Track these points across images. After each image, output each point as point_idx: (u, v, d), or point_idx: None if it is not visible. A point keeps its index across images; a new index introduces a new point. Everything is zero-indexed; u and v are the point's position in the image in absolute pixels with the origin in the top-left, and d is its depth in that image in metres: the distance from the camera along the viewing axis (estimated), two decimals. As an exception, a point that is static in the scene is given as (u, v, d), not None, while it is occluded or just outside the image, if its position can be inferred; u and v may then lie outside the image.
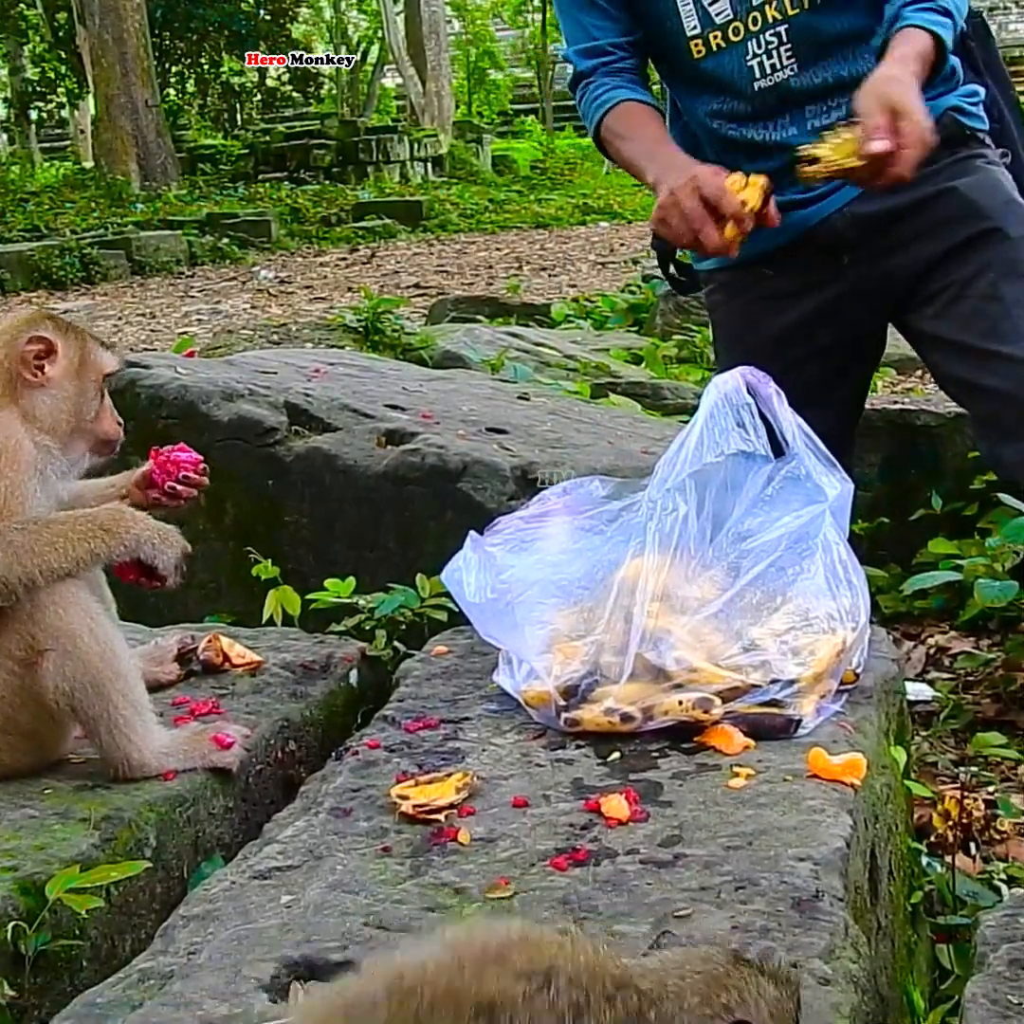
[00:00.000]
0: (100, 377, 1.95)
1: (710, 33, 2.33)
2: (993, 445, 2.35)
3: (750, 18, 2.30)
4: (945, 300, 2.31)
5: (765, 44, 2.31)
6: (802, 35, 2.29)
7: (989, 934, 1.40)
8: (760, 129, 2.36)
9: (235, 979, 1.33)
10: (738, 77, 2.34)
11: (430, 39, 24.48)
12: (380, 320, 6.06)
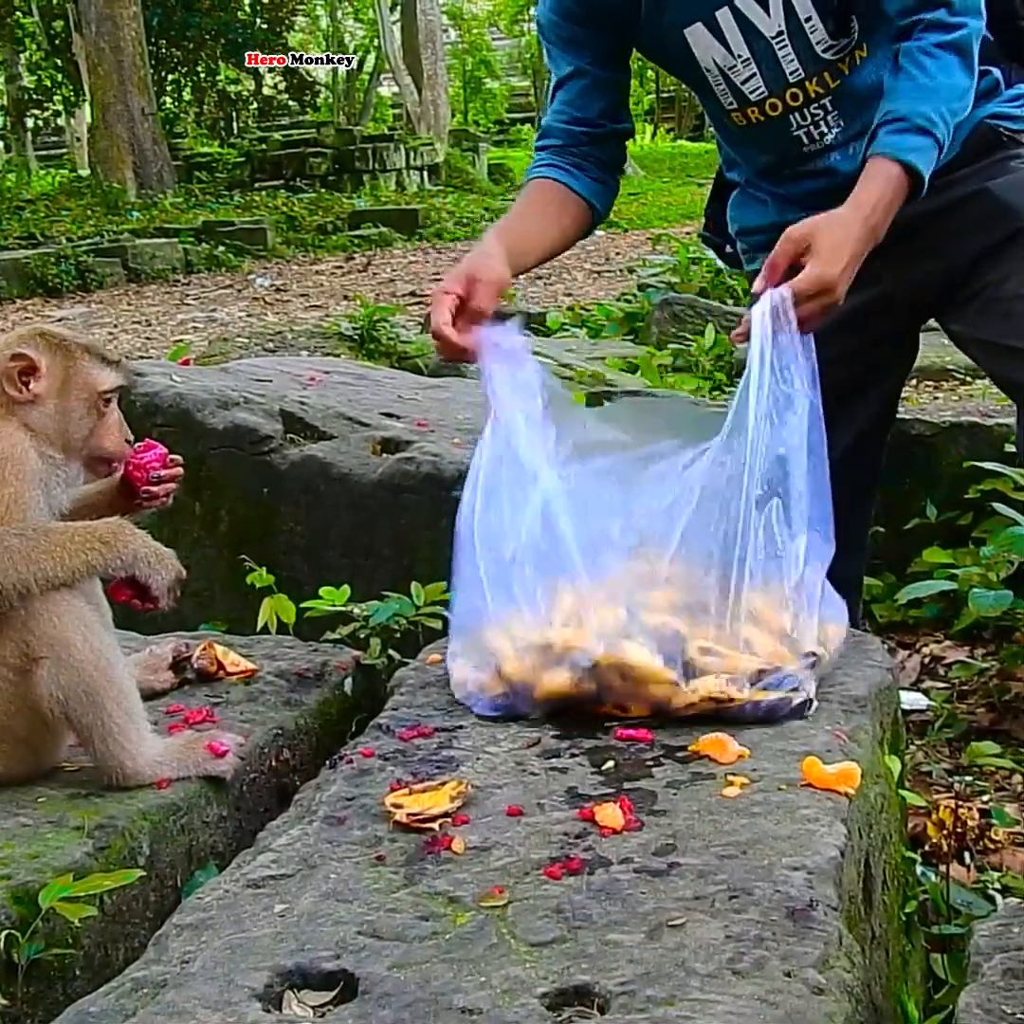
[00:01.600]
0: (92, 395, 1.92)
1: (747, 108, 2.34)
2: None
3: (787, 94, 2.30)
4: (981, 301, 2.32)
5: (811, 116, 2.32)
6: (846, 99, 2.29)
7: (983, 943, 1.40)
8: (806, 166, 2.38)
9: (228, 988, 1.32)
10: (784, 145, 2.36)
11: (426, 48, 24.52)
12: (376, 328, 6.07)
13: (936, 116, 2.09)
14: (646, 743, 1.79)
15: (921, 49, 2.12)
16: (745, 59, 2.28)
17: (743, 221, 2.57)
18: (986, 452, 3.45)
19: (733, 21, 2.25)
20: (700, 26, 2.27)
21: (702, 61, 2.31)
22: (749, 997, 1.24)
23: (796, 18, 2.23)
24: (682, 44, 2.30)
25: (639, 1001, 1.25)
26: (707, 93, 2.38)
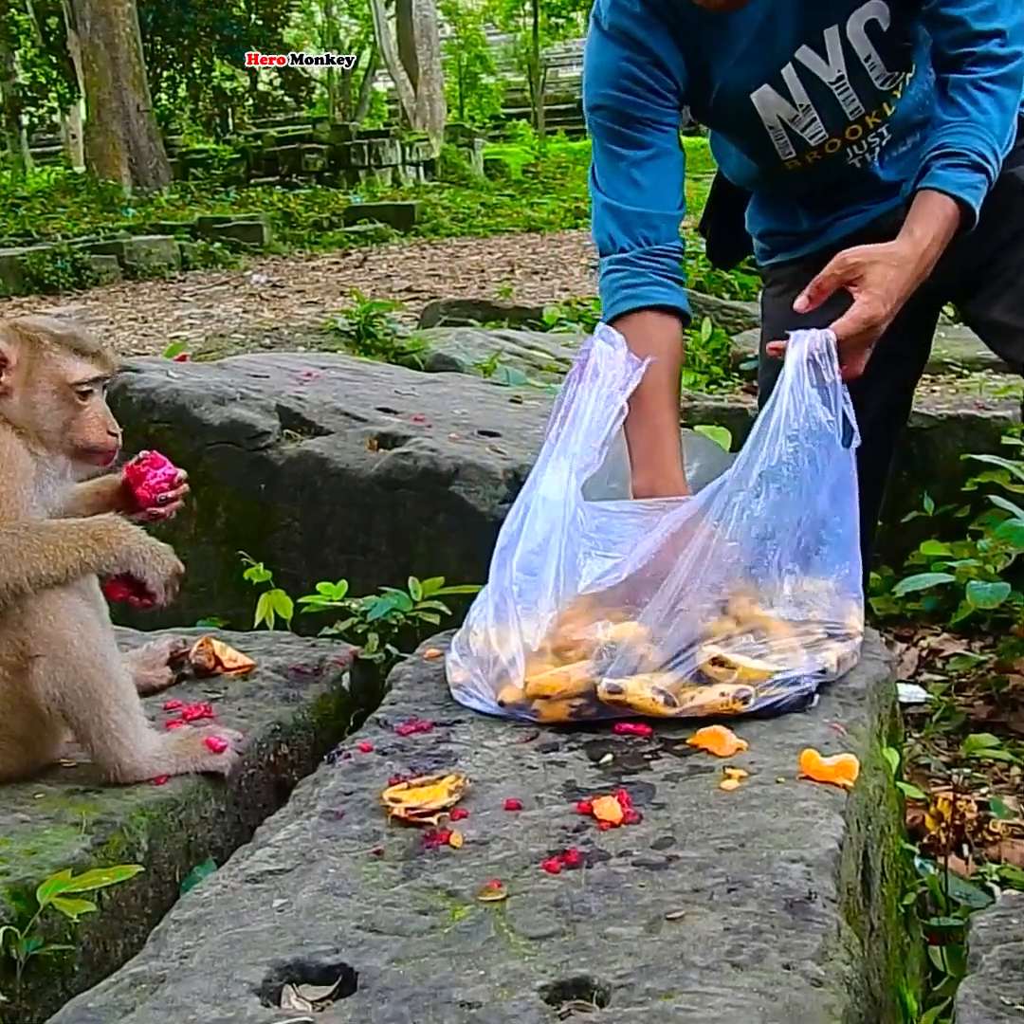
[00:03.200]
0: (62, 386, 1.88)
1: (806, 154, 2.33)
2: None
3: (847, 131, 2.30)
4: (1001, 285, 2.33)
5: (867, 145, 2.33)
6: (899, 123, 2.31)
7: (982, 935, 1.41)
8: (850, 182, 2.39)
9: (227, 983, 1.32)
10: (836, 175, 2.36)
11: (422, 43, 24.50)
12: (372, 324, 6.06)
13: (989, 152, 2.10)
14: (644, 736, 1.80)
15: (974, 84, 2.12)
16: (806, 107, 2.27)
17: (768, 224, 2.56)
18: (983, 445, 3.45)
19: (796, 75, 2.24)
20: (767, 87, 2.25)
21: (767, 121, 2.29)
22: (748, 989, 1.24)
23: (856, 59, 2.22)
24: (748, 108, 2.27)
25: (638, 994, 1.25)
26: (763, 147, 2.35)
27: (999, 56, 2.12)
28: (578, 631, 1.88)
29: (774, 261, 2.57)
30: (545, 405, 3.69)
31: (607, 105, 2.25)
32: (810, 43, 2.21)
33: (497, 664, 1.90)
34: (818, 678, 1.86)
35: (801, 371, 1.96)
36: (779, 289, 2.55)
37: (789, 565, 1.94)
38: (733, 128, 2.41)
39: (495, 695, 1.89)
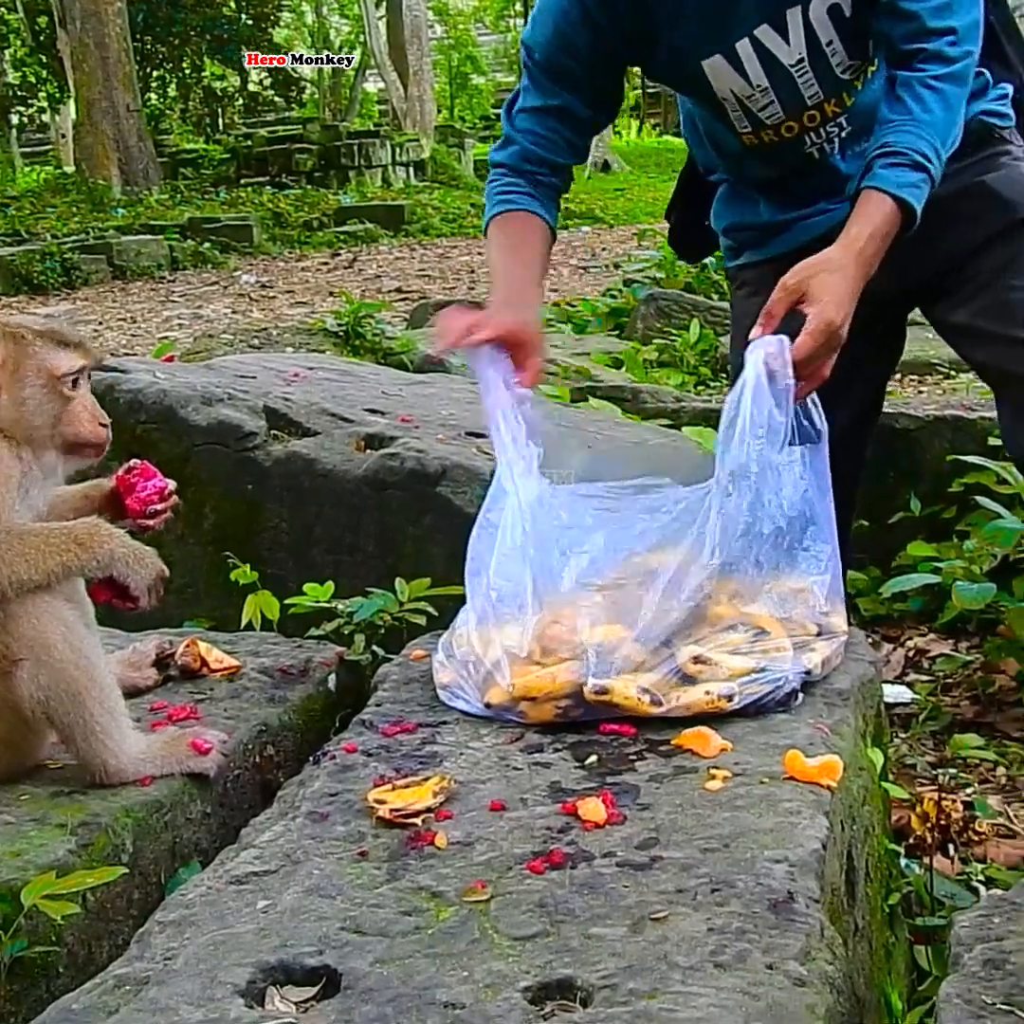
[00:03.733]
0: (49, 379, 1.86)
1: (762, 132, 2.33)
2: (1011, 427, 2.39)
3: (805, 116, 2.30)
4: (971, 290, 2.34)
5: (826, 134, 2.33)
6: (859, 114, 2.31)
7: (964, 934, 1.41)
8: (809, 173, 2.41)
9: (211, 985, 1.32)
10: (794, 161, 2.36)
11: (412, 44, 24.47)
12: (361, 324, 6.06)
13: (931, 152, 2.10)
14: (629, 737, 1.80)
15: (921, 82, 2.12)
16: (763, 88, 2.26)
17: (732, 218, 2.57)
18: (970, 446, 3.46)
19: (753, 53, 2.23)
20: (719, 58, 2.24)
21: (719, 92, 2.29)
22: (731, 989, 1.24)
23: (818, 43, 2.21)
24: (699, 75, 2.27)
25: (621, 994, 1.25)
26: (718, 117, 2.36)
27: (949, 56, 2.12)
28: (563, 633, 1.89)
29: (740, 262, 2.57)
30: (533, 406, 3.70)
31: (539, 44, 2.30)
32: (772, 22, 2.20)
33: (482, 666, 1.91)
34: (802, 677, 1.87)
35: (761, 375, 1.99)
36: (747, 291, 2.56)
37: (768, 562, 1.95)
38: (685, 90, 2.40)
39: (481, 697, 1.90)
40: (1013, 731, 2.84)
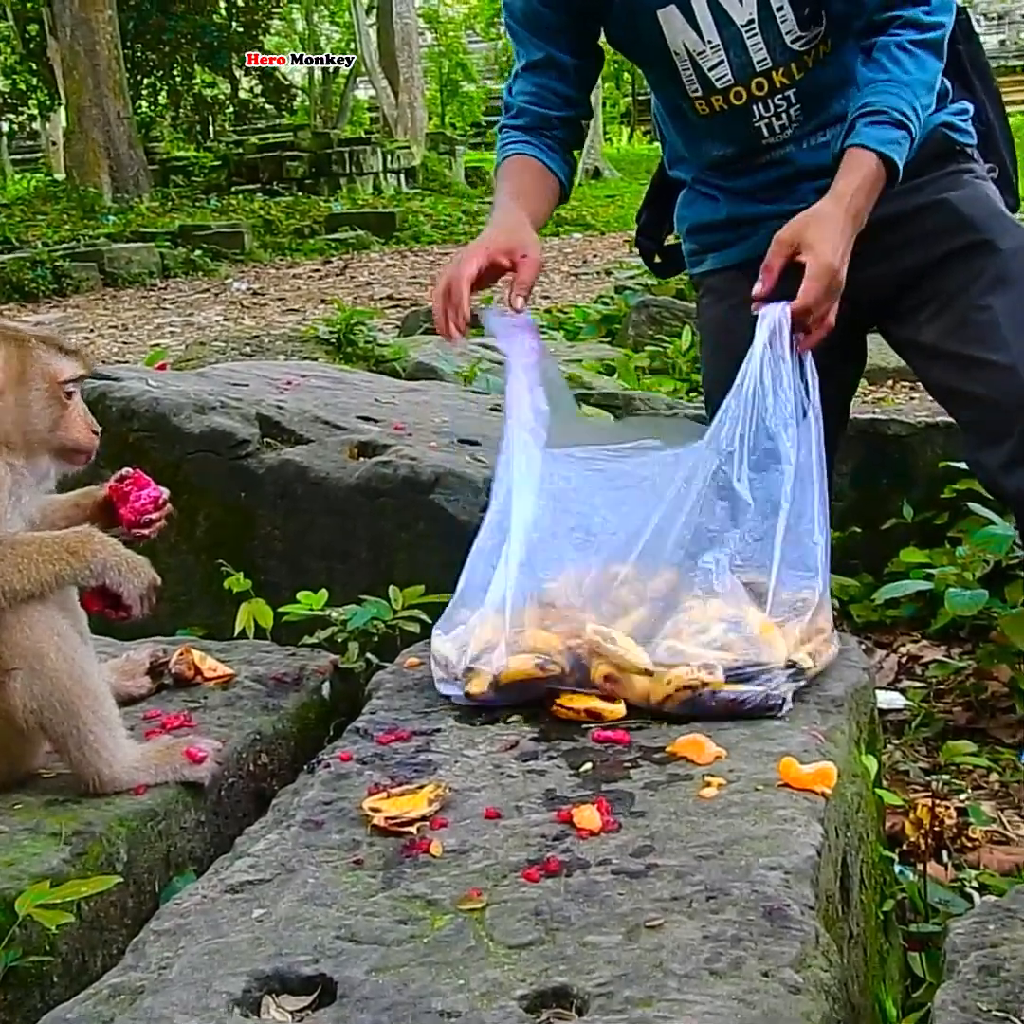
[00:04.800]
0: (52, 384, 1.87)
1: (712, 96, 2.36)
2: (976, 451, 2.39)
3: (753, 83, 2.33)
4: (934, 309, 2.35)
5: (774, 108, 2.35)
6: (809, 93, 2.33)
7: (959, 941, 1.41)
8: (762, 157, 2.42)
9: (206, 994, 1.32)
10: (744, 136, 2.39)
11: (403, 51, 24.50)
12: (353, 332, 6.06)
13: (910, 111, 2.16)
14: (623, 745, 1.80)
15: (898, 45, 2.19)
16: (715, 45, 2.30)
17: (693, 219, 2.58)
18: (961, 452, 3.46)
19: (706, 6, 2.28)
20: (674, 8, 2.29)
21: (672, 44, 2.33)
22: (726, 997, 1.25)
23: (768, 6, 2.26)
24: (654, 26, 2.32)
25: (617, 1002, 1.25)
26: (672, 79, 2.39)
27: (923, 23, 2.20)
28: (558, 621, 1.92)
29: (705, 268, 2.58)
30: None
31: (513, 5, 2.43)
32: None
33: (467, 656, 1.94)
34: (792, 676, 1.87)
35: (768, 346, 2.06)
36: (713, 299, 2.58)
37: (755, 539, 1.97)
38: (640, 49, 2.42)
39: (464, 682, 1.93)
40: (1006, 737, 2.84)
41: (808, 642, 1.94)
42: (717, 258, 2.55)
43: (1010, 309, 2.29)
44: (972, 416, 2.37)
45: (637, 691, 1.87)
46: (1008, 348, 2.27)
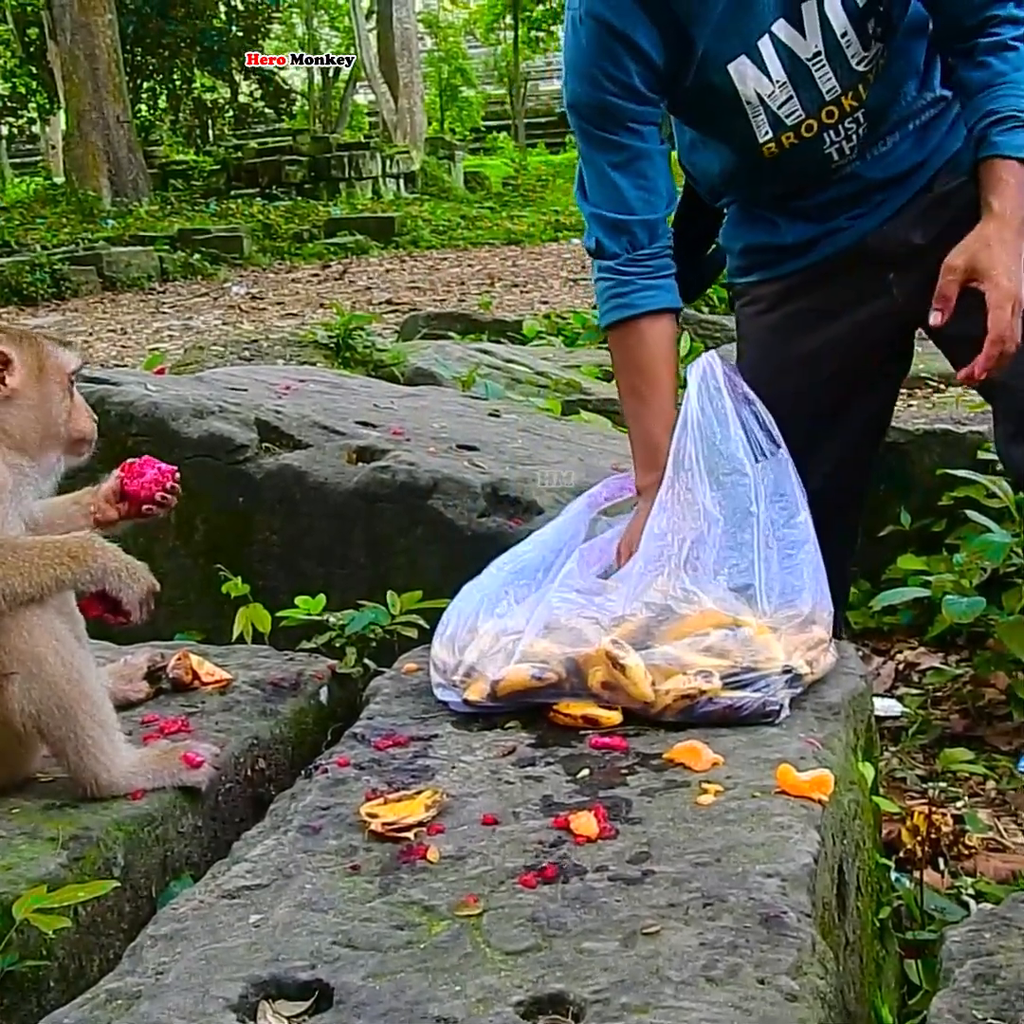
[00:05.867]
0: (64, 377, 1.93)
1: (782, 135, 2.29)
2: (1006, 441, 2.37)
3: (823, 113, 2.27)
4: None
5: (844, 131, 2.30)
6: (873, 108, 2.29)
7: (955, 949, 1.41)
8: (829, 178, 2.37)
9: (203, 999, 1.32)
10: (813, 166, 2.33)
11: (402, 56, 24.51)
12: (352, 336, 6.06)
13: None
14: (621, 751, 1.80)
15: (1001, 45, 2.15)
16: (782, 83, 2.24)
17: (749, 240, 2.52)
18: (959, 459, 3.46)
19: (772, 48, 2.22)
20: (744, 58, 2.23)
21: (744, 94, 2.26)
22: (723, 1004, 1.25)
23: (833, 35, 2.21)
24: (726, 81, 2.25)
25: (613, 1009, 1.26)
26: (741, 130, 2.30)
27: (1019, 17, 2.16)
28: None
29: (751, 280, 2.54)
30: (524, 419, 3.71)
31: (582, 103, 2.25)
32: (787, 16, 2.19)
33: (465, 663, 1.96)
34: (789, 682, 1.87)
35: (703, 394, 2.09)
36: (759, 308, 2.53)
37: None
38: (712, 107, 2.33)
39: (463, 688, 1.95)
40: (1002, 745, 2.85)
41: (805, 650, 1.94)
42: (766, 272, 2.51)
43: None
44: (1007, 407, 2.34)
45: (632, 699, 1.87)
46: None
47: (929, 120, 2.33)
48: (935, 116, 2.33)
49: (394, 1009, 1.28)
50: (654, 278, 2.29)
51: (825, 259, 2.38)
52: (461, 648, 1.99)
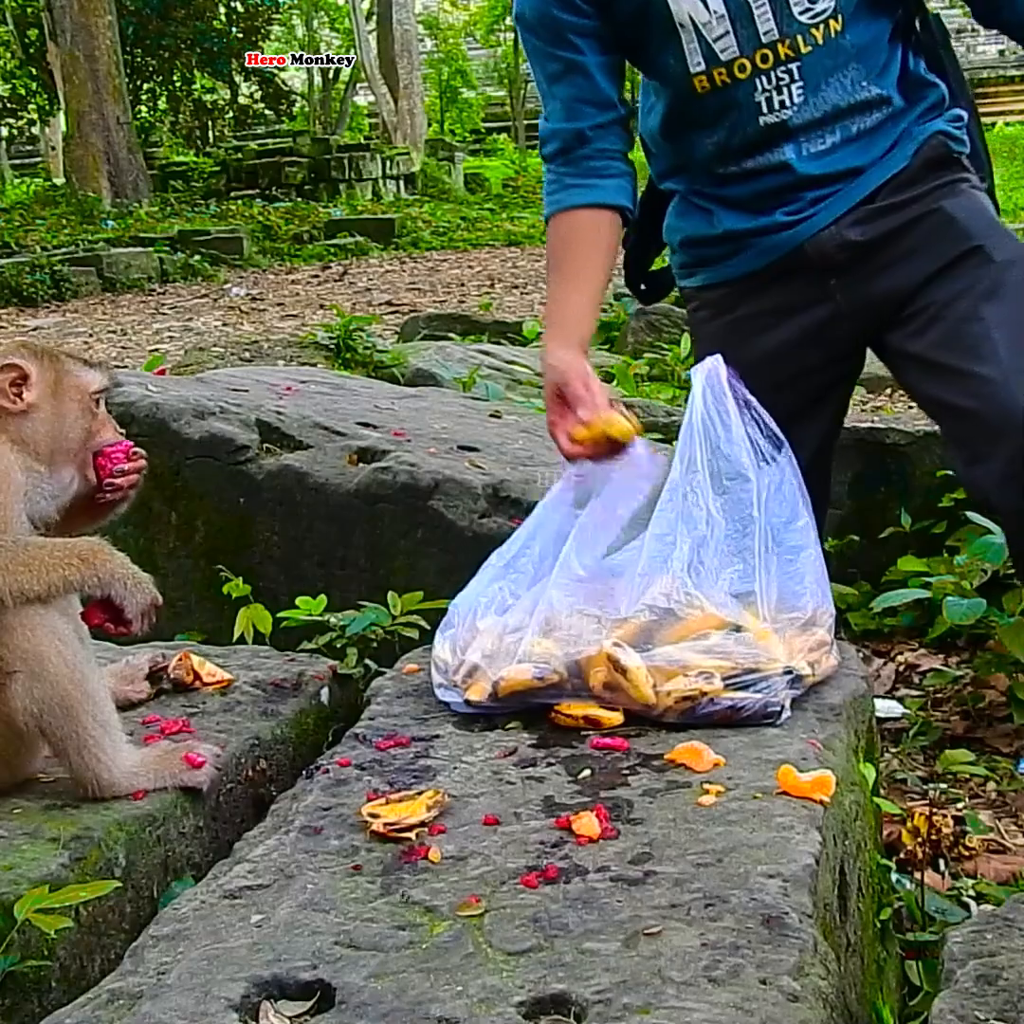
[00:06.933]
0: (84, 396, 1.94)
1: (715, 70, 2.28)
2: (965, 464, 2.32)
3: (758, 55, 2.26)
4: (925, 320, 2.30)
5: (776, 80, 2.27)
6: (813, 71, 2.27)
7: (956, 950, 1.41)
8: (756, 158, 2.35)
9: (205, 999, 1.32)
10: (743, 112, 2.31)
11: (402, 57, 24.53)
12: (352, 338, 6.07)
13: None
14: (622, 752, 1.80)
15: None
16: (720, 15, 2.23)
17: (687, 231, 2.50)
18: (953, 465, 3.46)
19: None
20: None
21: (677, 15, 2.24)
22: (725, 1005, 1.25)
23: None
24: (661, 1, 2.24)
25: (615, 1009, 1.26)
26: (674, 55, 2.30)
27: None
28: None
29: (698, 283, 2.52)
30: (524, 420, 3.71)
31: (526, 15, 2.34)
32: None
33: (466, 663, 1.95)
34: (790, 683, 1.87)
35: (708, 397, 2.06)
36: (709, 313, 2.52)
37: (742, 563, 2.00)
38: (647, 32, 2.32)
39: (463, 689, 1.95)
40: (1003, 746, 2.85)
41: (807, 652, 1.94)
42: (710, 274, 2.49)
43: (1003, 321, 2.22)
44: (961, 429, 2.29)
45: (633, 701, 1.87)
46: (999, 361, 2.19)
47: (874, 126, 2.31)
48: (880, 124, 2.31)
49: (396, 1009, 1.28)
50: (585, 177, 2.35)
51: (766, 267, 2.37)
52: (462, 648, 1.99)
